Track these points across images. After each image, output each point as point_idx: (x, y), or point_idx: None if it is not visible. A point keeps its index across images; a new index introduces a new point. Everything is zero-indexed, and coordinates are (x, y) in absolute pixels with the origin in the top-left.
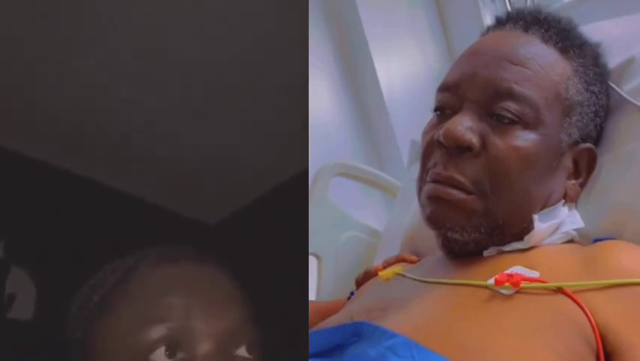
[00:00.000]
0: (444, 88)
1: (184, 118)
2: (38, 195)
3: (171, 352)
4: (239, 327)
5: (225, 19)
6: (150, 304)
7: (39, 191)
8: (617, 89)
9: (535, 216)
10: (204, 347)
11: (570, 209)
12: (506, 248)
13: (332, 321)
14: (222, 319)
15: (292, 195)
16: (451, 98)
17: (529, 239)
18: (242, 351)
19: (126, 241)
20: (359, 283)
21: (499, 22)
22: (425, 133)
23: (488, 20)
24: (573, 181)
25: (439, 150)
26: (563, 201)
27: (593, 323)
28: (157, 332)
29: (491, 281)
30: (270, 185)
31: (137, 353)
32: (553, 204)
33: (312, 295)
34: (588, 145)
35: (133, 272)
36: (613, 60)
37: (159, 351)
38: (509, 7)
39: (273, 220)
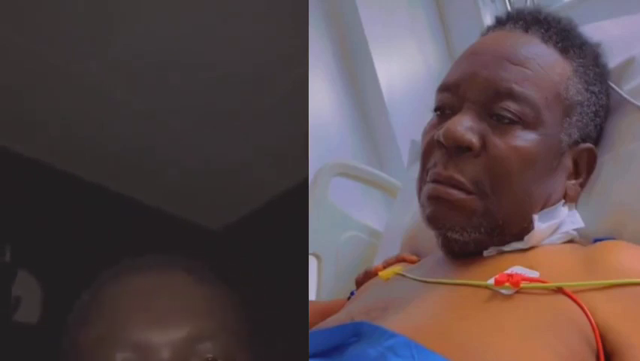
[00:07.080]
0: (444, 88)
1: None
2: (45, 200)
3: None
4: (202, 337)
5: (225, 22)
6: (111, 317)
7: (46, 196)
8: (617, 89)
9: (535, 217)
10: (162, 356)
11: (570, 209)
12: (506, 248)
13: (332, 321)
14: (180, 329)
15: (293, 196)
16: (451, 98)
17: (529, 239)
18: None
19: (131, 246)
20: (359, 283)
21: (499, 22)
22: (425, 133)
23: (488, 20)
24: (573, 181)
25: (439, 150)
26: (563, 201)
27: (593, 323)
28: (118, 346)
29: (491, 281)
30: (271, 187)
31: None
32: (553, 204)
33: (312, 295)
34: (588, 145)
35: (101, 285)
36: (613, 60)
37: None
38: (509, 7)
39: (274, 221)
